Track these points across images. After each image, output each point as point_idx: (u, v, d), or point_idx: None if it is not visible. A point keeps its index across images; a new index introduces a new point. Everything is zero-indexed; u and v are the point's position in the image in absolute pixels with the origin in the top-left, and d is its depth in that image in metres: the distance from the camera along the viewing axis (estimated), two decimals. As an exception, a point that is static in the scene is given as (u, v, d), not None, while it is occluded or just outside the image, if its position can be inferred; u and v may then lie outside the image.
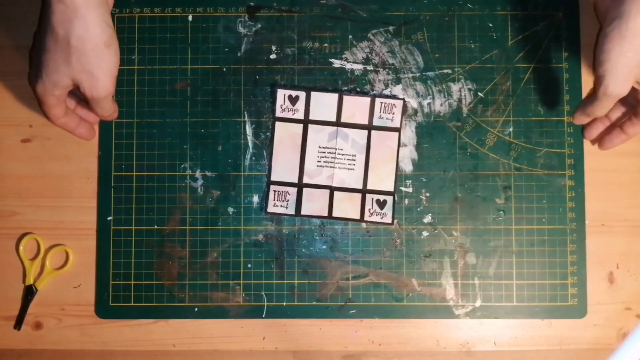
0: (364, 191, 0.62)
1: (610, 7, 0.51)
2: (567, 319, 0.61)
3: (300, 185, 0.62)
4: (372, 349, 0.62)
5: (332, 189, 0.62)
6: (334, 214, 0.61)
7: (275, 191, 0.61)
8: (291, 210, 0.61)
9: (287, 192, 0.62)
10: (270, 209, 0.61)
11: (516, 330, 0.62)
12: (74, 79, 0.53)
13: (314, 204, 0.61)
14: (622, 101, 0.58)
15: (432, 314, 0.61)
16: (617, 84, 0.51)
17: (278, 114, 0.62)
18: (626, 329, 0.61)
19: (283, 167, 0.62)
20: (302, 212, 0.61)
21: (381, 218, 0.61)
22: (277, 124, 0.62)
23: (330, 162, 0.62)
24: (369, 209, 0.61)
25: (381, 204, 0.61)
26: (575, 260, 0.62)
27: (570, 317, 0.61)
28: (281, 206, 0.61)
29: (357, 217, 0.61)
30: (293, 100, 0.62)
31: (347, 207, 0.61)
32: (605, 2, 0.54)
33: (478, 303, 0.61)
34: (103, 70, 0.53)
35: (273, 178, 0.62)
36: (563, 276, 0.61)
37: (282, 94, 0.62)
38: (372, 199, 0.61)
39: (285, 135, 0.62)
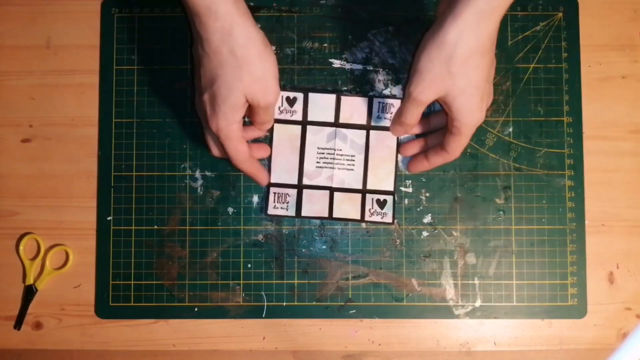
0: (363, 191, 0.62)
1: (440, 14, 0.52)
2: (567, 319, 0.61)
3: (300, 187, 0.62)
4: (372, 349, 0.62)
5: (332, 190, 0.62)
6: (335, 215, 0.61)
7: (275, 193, 0.61)
8: (291, 212, 0.61)
9: (287, 193, 0.61)
10: (271, 210, 0.61)
11: (516, 330, 0.62)
12: (248, 94, 0.52)
13: (314, 205, 0.61)
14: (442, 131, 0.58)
15: (432, 314, 0.61)
16: (418, 88, 0.52)
17: (276, 115, 0.62)
18: (626, 329, 0.61)
19: (282, 168, 0.62)
20: (303, 214, 0.61)
21: (381, 218, 0.61)
22: (276, 125, 0.62)
23: (330, 162, 0.62)
24: (370, 209, 0.61)
25: (381, 204, 0.61)
26: (575, 260, 0.61)
27: (570, 317, 0.61)
28: (281, 208, 0.61)
29: (358, 217, 0.61)
30: (291, 101, 0.62)
31: (347, 207, 0.61)
32: (441, 8, 0.55)
33: (478, 303, 0.61)
34: (271, 73, 0.52)
35: (273, 180, 0.62)
36: (563, 276, 0.61)
37: (280, 96, 0.62)
38: (372, 199, 0.61)
39: (284, 137, 0.62)
